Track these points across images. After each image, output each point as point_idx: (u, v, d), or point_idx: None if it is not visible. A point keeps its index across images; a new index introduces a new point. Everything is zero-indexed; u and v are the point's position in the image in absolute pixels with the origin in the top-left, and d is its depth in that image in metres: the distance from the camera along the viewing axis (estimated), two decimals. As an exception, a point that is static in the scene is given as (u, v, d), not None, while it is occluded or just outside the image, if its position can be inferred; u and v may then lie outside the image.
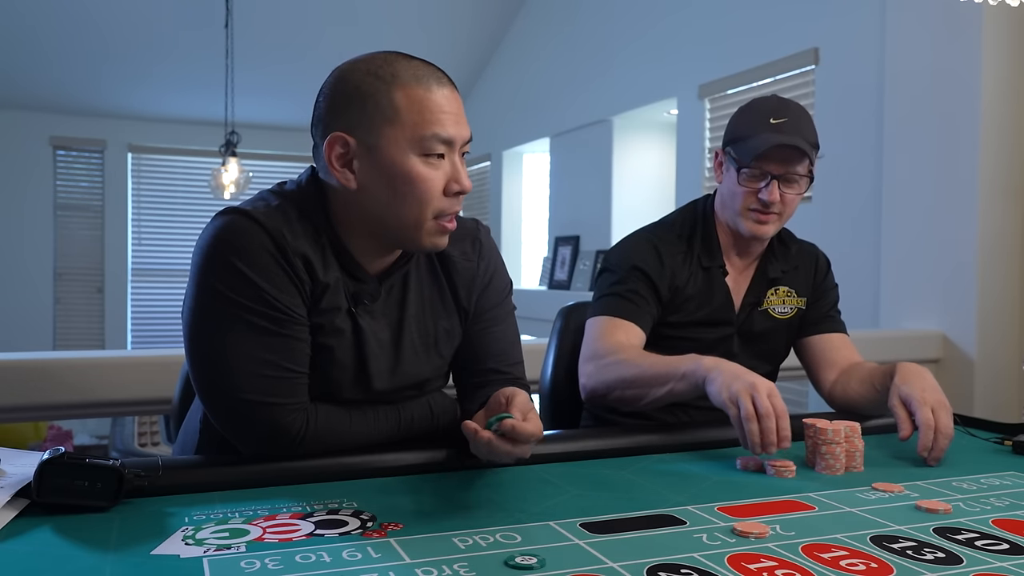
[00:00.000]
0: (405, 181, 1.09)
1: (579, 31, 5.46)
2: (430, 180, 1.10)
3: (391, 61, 1.10)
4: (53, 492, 0.94)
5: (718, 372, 1.29)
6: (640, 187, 5.10)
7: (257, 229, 1.08)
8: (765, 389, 1.23)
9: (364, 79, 1.09)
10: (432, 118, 1.08)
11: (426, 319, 1.23)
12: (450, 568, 0.81)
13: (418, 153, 1.09)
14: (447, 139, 1.09)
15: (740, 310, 1.64)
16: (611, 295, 1.58)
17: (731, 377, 1.27)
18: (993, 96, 2.77)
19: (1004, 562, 0.87)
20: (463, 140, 1.12)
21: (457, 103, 1.12)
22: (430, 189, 1.10)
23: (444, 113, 1.09)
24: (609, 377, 1.47)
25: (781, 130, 1.52)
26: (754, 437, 1.20)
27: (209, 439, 1.24)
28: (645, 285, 1.58)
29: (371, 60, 1.11)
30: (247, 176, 5.45)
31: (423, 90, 1.08)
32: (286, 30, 5.99)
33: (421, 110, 1.08)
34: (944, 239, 2.88)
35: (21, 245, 6.74)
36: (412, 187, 1.09)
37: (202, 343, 1.11)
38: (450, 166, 1.11)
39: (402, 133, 1.08)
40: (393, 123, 1.08)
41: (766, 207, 1.55)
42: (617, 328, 1.54)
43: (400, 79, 1.08)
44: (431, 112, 1.08)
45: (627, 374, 1.44)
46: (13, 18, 5.56)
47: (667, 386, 1.38)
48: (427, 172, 1.09)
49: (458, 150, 1.12)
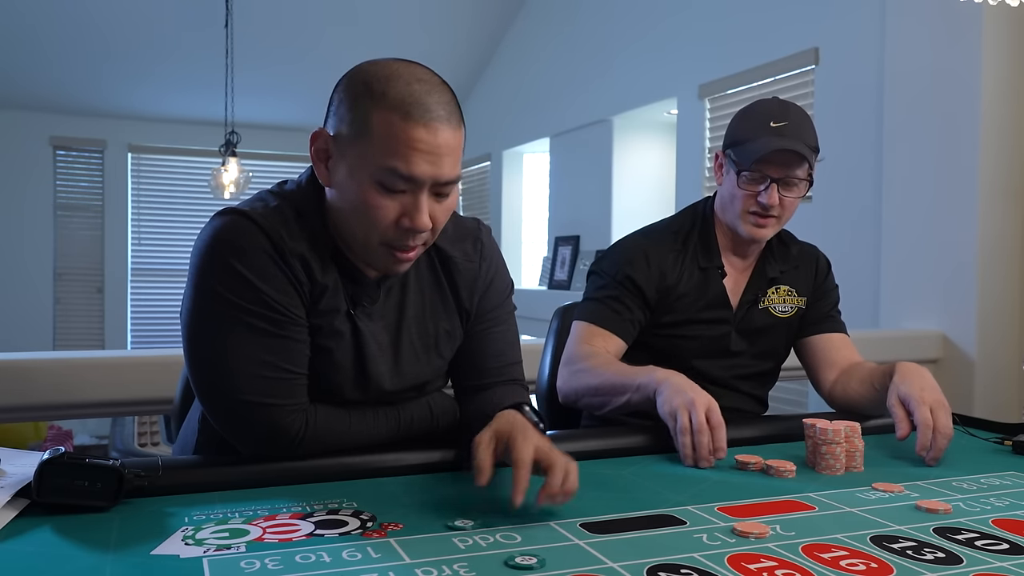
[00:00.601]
0: (359, 202, 1.05)
1: (579, 31, 5.46)
2: (380, 209, 1.04)
3: (393, 77, 1.03)
4: (53, 492, 0.94)
5: (665, 385, 1.34)
6: (640, 187, 5.10)
7: (255, 230, 1.08)
8: (703, 405, 1.27)
9: (359, 86, 1.05)
10: (399, 152, 1.01)
11: (426, 320, 1.23)
12: (450, 568, 0.81)
13: (376, 180, 1.03)
14: (408, 177, 1.02)
15: (738, 308, 1.65)
16: (595, 300, 1.62)
17: (674, 391, 1.31)
18: (993, 96, 2.77)
19: (1004, 562, 0.87)
20: (436, 180, 1.04)
21: (440, 141, 1.03)
22: (379, 218, 1.05)
23: (416, 151, 1.01)
24: (578, 384, 1.52)
25: (781, 134, 1.52)
26: (686, 450, 1.26)
27: (207, 439, 1.24)
28: (630, 293, 1.60)
29: (378, 68, 1.05)
30: (247, 176, 5.45)
31: (402, 120, 1.01)
32: (286, 30, 5.99)
33: (392, 140, 1.01)
34: (944, 239, 2.88)
35: (21, 245, 6.74)
36: (363, 211, 1.05)
37: (201, 344, 1.11)
38: (410, 201, 1.04)
39: (368, 154, 1.03)
40: (364, 141, 1.03)
41: (765, 210, 1.56)
42: (596, 336, 1.57)
43: (387, 100, 1.02)
44: (401, 146, 1.01)
45: (592, 382, 1.49)
46: (13, 18, 5.56)
47: (625, 396, 1.43)
48: (379, 201, 1.04)
49: (427, 189, 1.04)
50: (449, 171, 1.05)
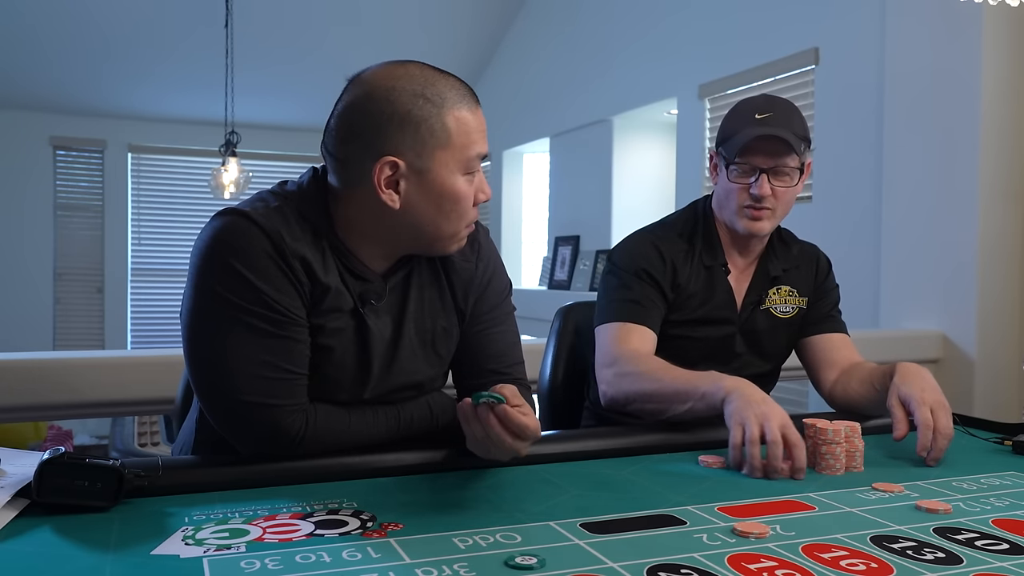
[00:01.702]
0: (452, 200, 1.14)
1: (579, 31, 5.46)
2: (467, 197, 1.15)
3: (433, 81, 1.11)
4: (53, 492, 0.94)
5: (735, 396, 1.29)
6: (640, 187, 5.10)
7: (255, 230, 1.08)
8: (777, 420, 1.22)
9: (414, 102, 1.08)
10: (476, 138, 1.14)
11: (424, 318, 1.23)
12: (450, 568, 0.81)
13: (464, 172, 1.13)
14: (483, 155, 1.16)
15: (742, 309, 1.65)
16: (619, 299, 1.58)
17: (747, 402, 1.27)
18: (993, 96, 2.77)
19: (1004, 562, 0.87)
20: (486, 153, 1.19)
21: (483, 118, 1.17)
22: (467, 205, 1.16)
23: (482, 132, 1.15)
24: (629, 388, 1.47)
25: (766, 123, 1.54)
26: (754, 460, 1.20)
27: (204, 438, 1.24)
28: (651, 287, 1.58)
29: (412, 79, 1.10)
30: (247, 176, 5.45)
31: (469, 112, 1.12)
32: (286, 30, 5.99)
33: (468, 132, 1.12)
34: (944, 239, 2.88)
35: (21, 245, 6.74)
36: (457, 204, 1.14)
37: (201, 345, 1.11)
38: (478, 178, 1.17)
39: (452, 156, 1.12)
40: (445, 147, 1.11)
41: (758, 202, 1.56)
42: (631, 333, 1.54)
43: (449, 102, 1.11)
44: (476, 132, 1.13)
45: (647, 388, 1.44)
46: (13, 18, 5.56)
47: (687, 404, 1.39)
48: (467, 189, 1.15)
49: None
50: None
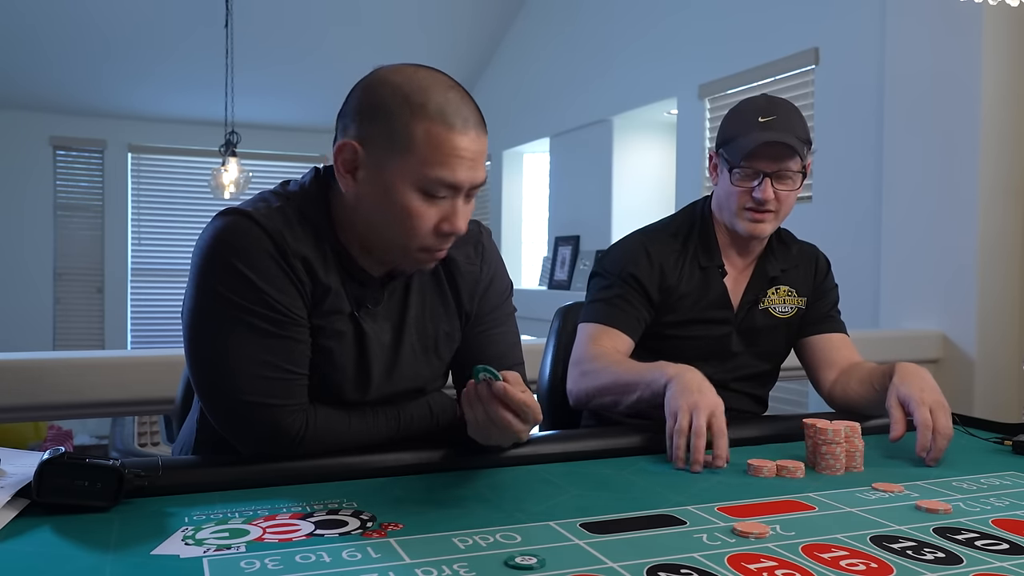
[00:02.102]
0: (400, 211, 1.07)
1: (579, 31, 5.46)
2: (423, 217, 1.07)
3: (428, 87, 1.05)
4: (53, 492, 0.94)
5: (674, 382, 1.31)
6: (640, 187, 5.10)
7: (257, 230, 1.08)
8: (706, 408, 1.23)
9: (394, 98, 1.05)
10: (444, 161, 1.04)
11: (426, 322, 1.23)
12: (450, 568, 0.81)
13: (419, 189, 1.06)
14: (452, 184, 1.06)
15: (739, 308, 1.65)
16: (600, 301, 1.60)
17: (682, 389, 1.28)
18: (993, 96, 2.77)
19: (1004, 562, 0.87)
20: (472, 185, 1.08)
21: (477, 147, 1.07)
22: (421, 226, 1.08)
23: (458, 158, 1.05)
24: (589, 384, 1.50)
25: (770, 128, 1.53)
26: (678, 451, 1.22)
27: (205, 438, 1.24)
28: (634, 291, 1.59)
29: (411, 77, 1.06)
30: (247, 176, 5.45)
31: (445, 129, 1.04)
32: (286, 30, 5.99)
33: (436, 150, 1.04)
34: (944, 239, 2.88)
35: (21, 245, 6.73)
36: (404, 219, 1.07)
37: (202, 344, 1.11)
38: (449, 207, 1.08)
39: (411, 166, 1.05)
40: (405, 153, 1.05)
41: (761, 205, 1.56)
42: (604, 335, 1.56)
43: (426, 111, 1.04)
44: (445, 155, 1.04)
45: (604, 381, 1.47)
46: (13, 18, 5.56)
47: (636, 393, 1.41)
48: (422, 209, 1.07)
49: (464, 193, 1.09)
50: (483, 174, 1.10)
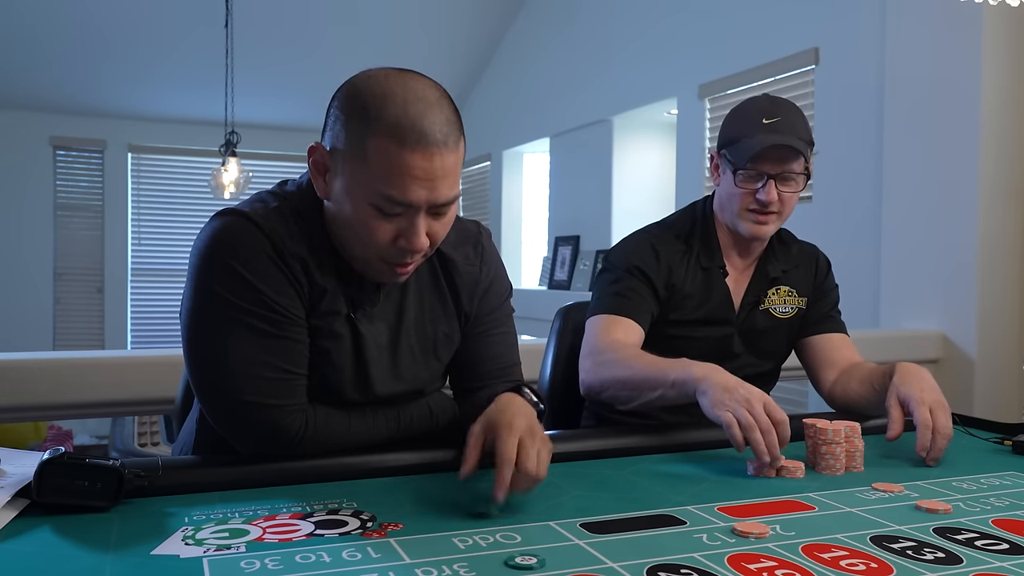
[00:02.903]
0: (356, 222, 1.05)
1: (579, 31, 5.46)
2: (377, 231, 1.04)
3: (389, 97, 1.01)
4: (53, 492, 0.94)
5: (708, 385, 1.26)
6: (640, 187, 5.10)
7: (255, 231, 1.08)
8: (760, 401, 1.21)
9: (354, 106, 1.03)
10: (394, 180, 1.01)
11: (425, 323, 1.23)
12: (450, 568, 0.81)
13: (371, 204, 1.03)
14: (403, 203, 1.02)
15: (740, 309, 1.65)
16: (609, 294, 1.59)
17: (723, 391, 1.24)
18: (993, 96, 2.77)
19: (1004, 562, 0.87)
20: (433, 203, 1.04)
21: (437, 166, 1.02)
22: (376, 238, 1.05)
23: (411, 178, 1.01)
24: (605, 375, 1.48)
25: (775, 129, 1.53)
26: (761, 447, 1.18)
27: (204, 438, 1.24)
28: (642, 283, 1.59)
29: (374, 86, 1.03)
30: (247, 176, 5.45)
31: (396, 147, 1.00)
32: (286, 30, 5.99)
33: (387, 167, 1.00)
34: (944, 239, 2.88)
35: (21, 245, 6.73)
36: (360, 231, 1.06)
37: (201, 345, 1.11)
38: (406, 223, 1.04)
39: (363, 178, 1.02)
40: (359, 165, 1.02)
41: (764, 207, 1.56)
42: (616, 325, 1.55)
43: (381, 124, 1.00)
44: (395, 174, 1.00)
45: (621, 375, 1.45)
46: (13, 18, 5.56)
47: (658, 391, 1.38)
48: (377, 223, 1.04)
49: (424, 211, 1.04)
50: (446, 193, 1.05)
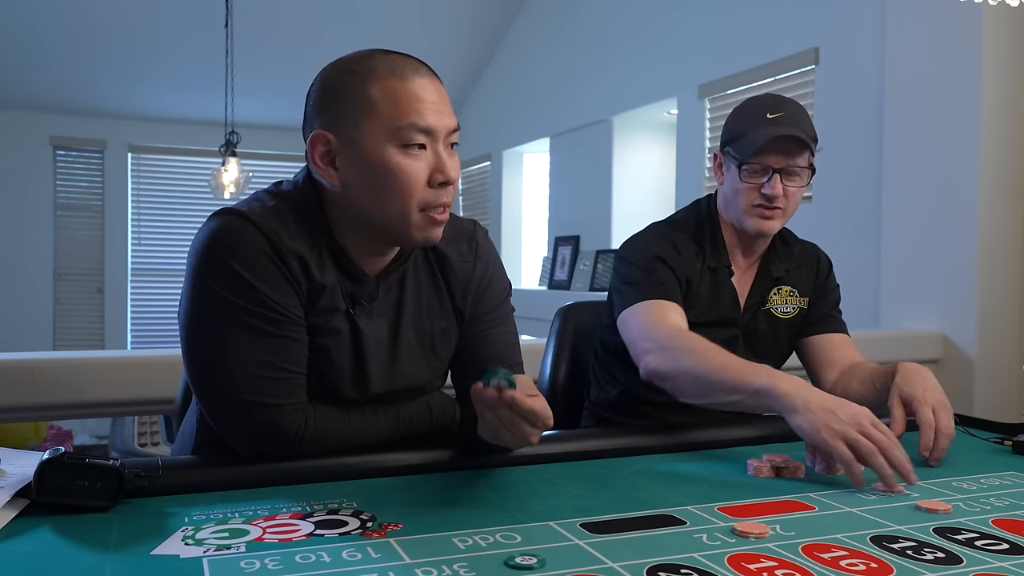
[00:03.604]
0: (386, 174, 1.07)
1: (579, 31, 5.46)
2: (411, 171, 1.08)
3: (368, 56, 1.10)
4: (53, 492, 0.94)
5: (804, 404, 1.19)
6: (640, 187, 5.10)
7: (252, 230, 1.08)
8: (869, 421, 1.16)
9: (341, 76, 1.10)
10: (408, 108, 1.07)
11: (423, 320, 1.23)
12: (450, 568, 0.81)
13: (397, 144, 1.07)
14: (425, 128, 1.07)
15: (745, 311, 1.64)
16: (643, 282, 1.53)
17: (826, 413, 1.17)
18: (993, 96, 2.77)
19: (1004, 562, 0.87)
20: (446, 130, 1.10)
21: (437, 92, 1.10)
22: (412, 181, 1.08)
23: (421, 102, 1.07)
24: (677, 364, 1.39)
25: (779, 123, 1.53)
26: (886, 471, 1.11)
27: (204, 438, 1.24)
28: (669, 272, 1.55)
29: (350, 58, 1.12)
30: (247, 176, 5.45)
31: (398, 80, 1.07)
32: (286, 30, 5.99)
33: (397, 101, 1.07)
34: (944, 239, 2.88)
35: (21, 245, 6.73)
36: (393, 179, 1.08)
37: (199, 345, 1.11)
38: (433, 156, 1.09)
39: (379, 125, 1.07)
40: (370, 115, 1.07)
41: (770, 201, 1.55)
42: (660, 309, 1.49)
43: (375, 72, 1.08)
44: (407, 102, 1.07)
45: (696, 368, 1.36)
46: (13, 18, 5.56)
47: (735, 396, 1.31)
48: (407, 163, 1.07)
49: (442, 140, 1.10)
50: (453, 119, 1.12)
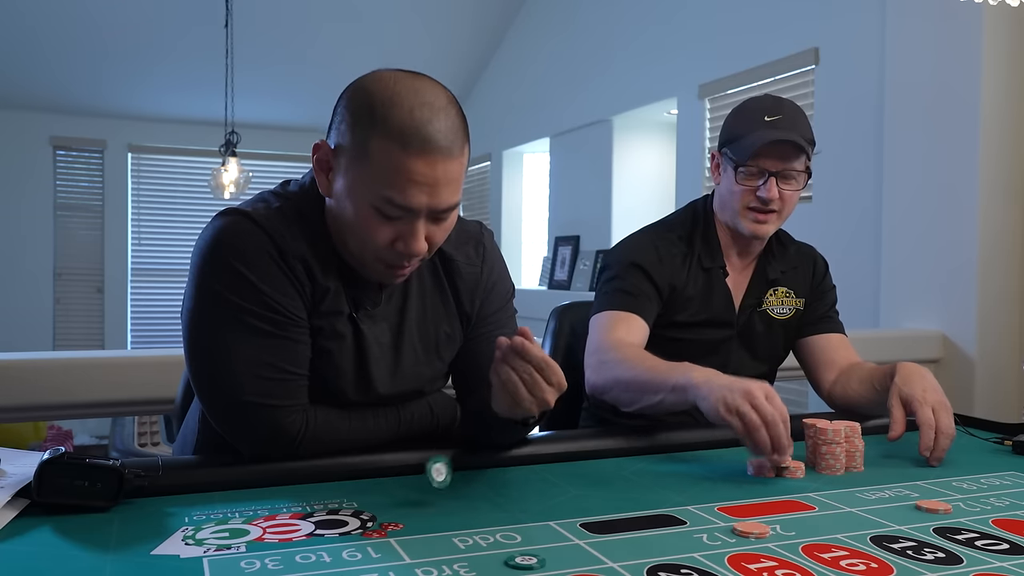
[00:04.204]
0: (357, 222, 1.06)
1: (579, 31, 5.46)
2: (375, 231, 1.05)
3: (396, 102, 1.02)
4: (53, 492, 0.94)
5: (708, 388, 1.23)
6: (640, 187, 5.10)
7: (257, 231, 1.08)
8: (762, 393, 1.19)
9: (361, 107, 1.04)
10: (397, 183, 1.02)
11: (427, 323, 1.23)
12: (450, 568, 0.81)
13: (372, 206, 1.04)
14: (404, 207, 1.03)
15: (740, 311, 1.64)
16: (612, 290, 1.58)
17: (723, 390, 1.21)
18: (993, 96, 2.77)
19: (1004, 562, 0.87)
20: (434, 209, 1.05)
21: (440, 173, 1.03)
22: (374, 240, 1.06)
23: (413, 183, 1.02)
24: (608, 376, 1.46)
25: (776, 127, 1.53)
26: (766, 443, 1.15)
27: (207, 438, 1.24)
28: (645, 280, 1.58)
29: (382, 88, 1.04)
30: (247, 176, 5.45)
31: (399, 150, 1.01)
32: (286, 29, 5.98)
33: (389, 170, 1.01)
34: (944, 239, 2.88)
35: (21, 245, 6.73)
36: (360, 231, 1.07)
37: (201, 345, 1.11)
38: (406, 227, 1.05)
39: (366, 180, 1.03)
40: (363, 166, 1.04)
41: (765, 204, 1.55)
42: (620, 322, 1.53)
43: (387, 127, 1.01)
44: (398, 176, 1.01)
45: (623, 376, 1.43)
46: (13, 18, 5.56)
47: (659, 395, 1.35)
48: (375, 224, 1.05)
49: (424, 216, 1.05)
50: (448, 199, 1.06)
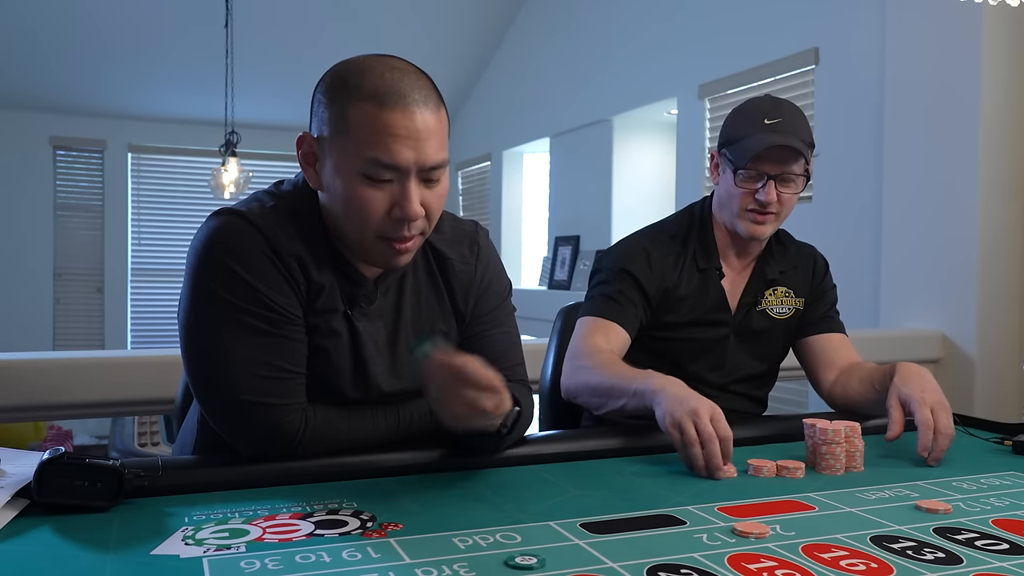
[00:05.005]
0: (348, 199, 1.06)
1: (579, 31, 5.46)
2: (370, 201, 1.05)
3: (367, 70, 1.05)
4: (53, 492, 0.94)
5: (663, 396, 1.26)
6: (640, 187, 5.10)
7: (251, 230, 1.09)
8: (707, 413, 1.21)
9: (334, 85, 1.07)
10: (377, 140, 1.02)
11: (423, 321, 1.23)
12: (450, 568, 0.81)
13: (361, 173, 1.04)
14: (390, 165, 1.03)
15: (737, 310, 1.64)
16: (597, 296, 1.60)
17: (674, 401, 1.24)
18: (993, 95, 2.77)
19: (1004, 562, 0.87)
20: (421, 166, 1.04)
21: (420, 125, 1.03)
22: (369, 211, 1.05)
23: (395, 137, 1.02)
24: (578, 380, 1.49)
25: (776, 130, 1.53)
26: (698, 461, 1.18)
27: (206, 438, 1.24)
28: (632, 286, 1.59)
29: (352, 65, 1.07)
30: (247, 176, 5.45)
31: (376, 109, 1.02)
32: (286, 29, 5.99)
33: (369, 131, 1.02)
34: (944, 239, 2.88)
35: (21, 245, 6.74)
36: (353, 207, 1.06)
37: (198, 345, 1.11)
38: (399, 190, 1.05)
39: (350, 149, 1.04)
40: (344, 136, 1.04)
41: (763, 207, 1.56)
42: (599, 329, 1.55)
43: (360, 93, 1.03)
44: (377, 134, 1.02)
45: (591, 381, 1.45)
46: (13, 18, 5.56)
47: (621, 400, 1.38)
48: (367, 193, 1.05)
49: (414, 176, 1.05)
50: (433, 154, 1.05)
